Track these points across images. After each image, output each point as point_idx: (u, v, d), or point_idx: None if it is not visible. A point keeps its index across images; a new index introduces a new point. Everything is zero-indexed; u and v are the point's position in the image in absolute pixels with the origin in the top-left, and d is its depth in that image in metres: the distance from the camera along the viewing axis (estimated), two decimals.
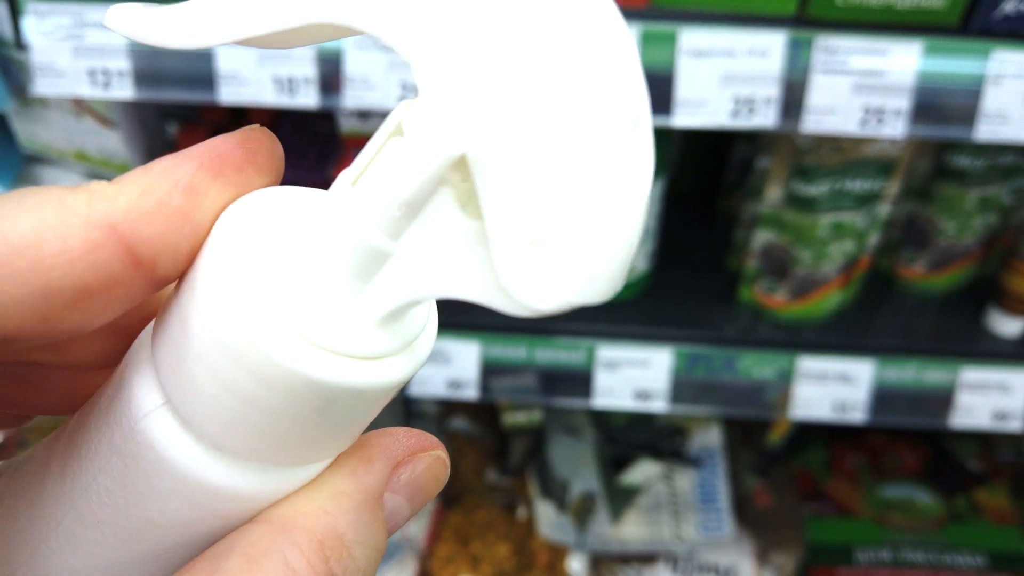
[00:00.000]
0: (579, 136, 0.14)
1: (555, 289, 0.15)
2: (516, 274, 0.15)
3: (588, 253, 0.14)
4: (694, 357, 0.74)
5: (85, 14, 0.60)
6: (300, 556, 0.16)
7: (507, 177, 0.14)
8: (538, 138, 0.14)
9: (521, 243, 0.14)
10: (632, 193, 0.14)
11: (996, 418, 0.74)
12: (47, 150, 0.81)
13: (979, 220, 0.74)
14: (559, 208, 0.14)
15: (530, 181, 0.14)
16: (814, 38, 0.58)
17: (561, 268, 0.14)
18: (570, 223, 0.14)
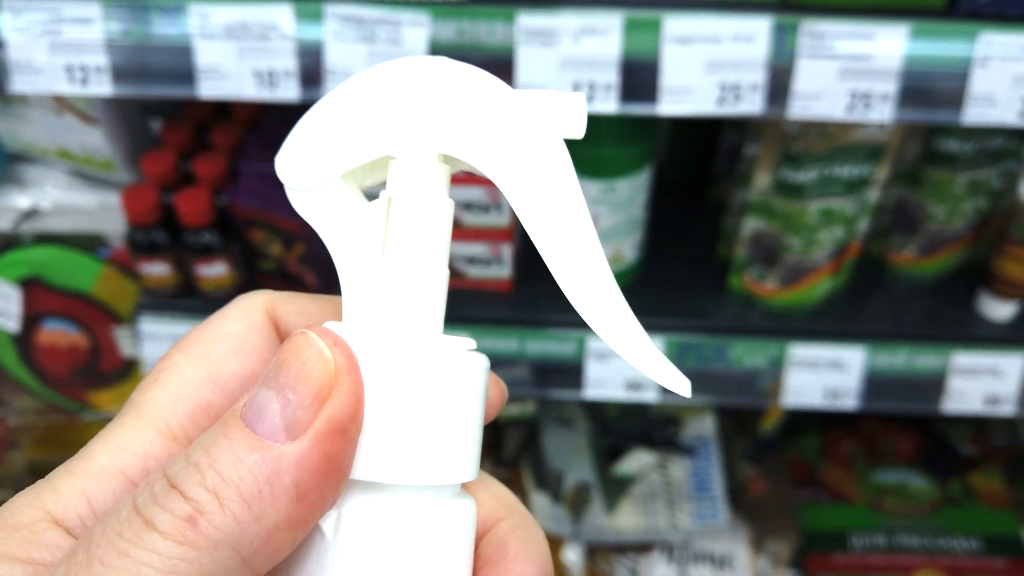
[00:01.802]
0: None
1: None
2: None
3: None
4: (685, 346, 0.74)
5: (61, 10, 0.59)
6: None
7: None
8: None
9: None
10: None
11: (988, 402, 0.74)
12: (29, 148, 0.81)
13: (969, 204, 0.74)
14: None
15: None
16: (800, 23, 0.57)
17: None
18: None
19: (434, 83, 0.21)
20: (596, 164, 0.70)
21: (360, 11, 0.58)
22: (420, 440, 0.20)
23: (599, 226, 0.73)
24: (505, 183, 0.21)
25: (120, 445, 0.20)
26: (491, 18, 0.58)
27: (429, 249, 0.21)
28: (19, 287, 0.83)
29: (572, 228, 0.21)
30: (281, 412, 0.18)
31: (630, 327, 0.21)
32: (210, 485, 0.17)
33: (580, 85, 0.59)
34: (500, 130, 0.21)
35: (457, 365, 0.20)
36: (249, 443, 0.17)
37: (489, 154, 0.21)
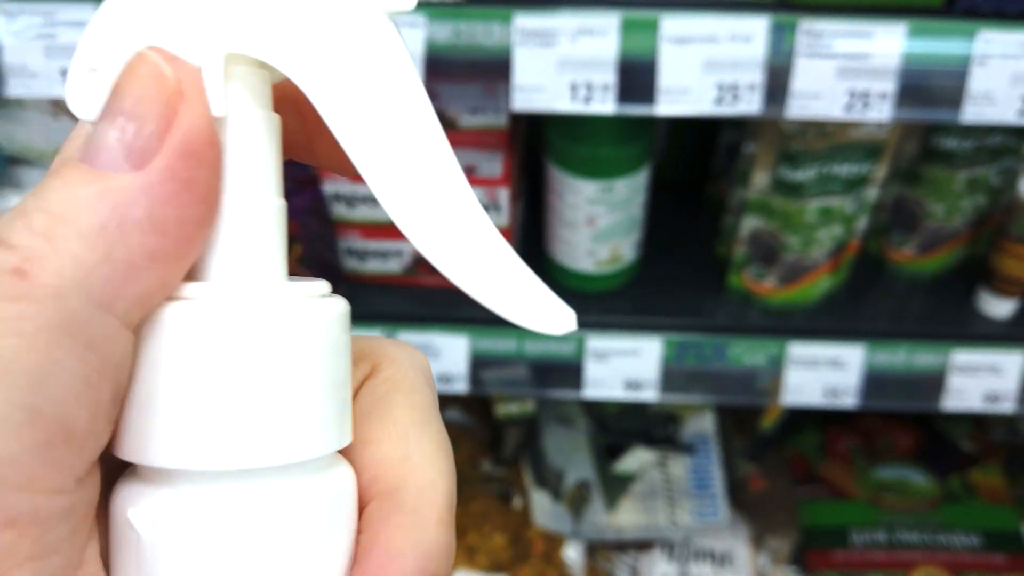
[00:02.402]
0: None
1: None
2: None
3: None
4: (684, 345, 0.73)
5: (56, 13, 0.59)
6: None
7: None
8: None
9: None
10: None
11: (988, 400, 0.74)
12: (26, 151, 0.80)
13: (968, 202, 0.74)
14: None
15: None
16: (798, 22, 0.57)
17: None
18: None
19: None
20: (594, 164, 0.70)
21: None
22: (242, 413, 0.16)
23: (597, 226, 0.72)
24: (310, 84, 0.16)
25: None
26: (488, 19, 0.58)
27: (248, 176, 0.17)
28: None
29: (406, 138, 0.16)
30: (120, 140, 0.15)
31: (490, 259, 0.16)
32: (38, 227, 0.14)
33: (577, 86, 0.59)
34: (298, 12, 0.16)
35: (300, 313, 0.16)
36: (85, 177, 0.15)
37: (284, 45, 0.16)
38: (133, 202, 0.15)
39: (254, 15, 0.16)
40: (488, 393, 0.80)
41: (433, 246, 0.16)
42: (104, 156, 0.15)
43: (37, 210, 0.15)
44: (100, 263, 0.15)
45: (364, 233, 0.74)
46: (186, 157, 0.15)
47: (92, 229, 0.15)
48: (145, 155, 0.15)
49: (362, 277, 0.77)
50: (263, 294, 0.16)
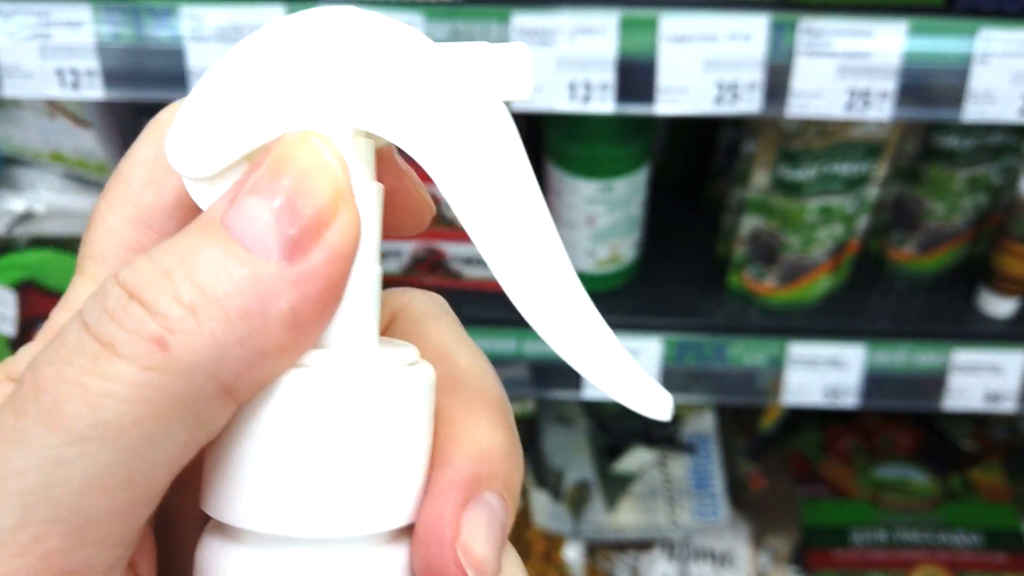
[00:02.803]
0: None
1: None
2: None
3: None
4: (684, 345, 0.73)
5: (51, 13, 0.58)
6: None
7: None
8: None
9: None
10: None
11: (988, 399, 0.74)
12: (23, 151, 0.80)
13: (968, 200, 0.73)
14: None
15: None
16: (797, 20, 0.57)
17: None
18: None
19: (343, 41, 0.17)
20: (593, 164, 0.70)
21: None
22: (341, 483, 0.16)
23: (597, 226, 0.72)
24: (432, 163, 0.16)
25: (69, 305, 0.18)
26: (486, 18, 0.57)
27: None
28: (14, 291, 0.82)
29: (519, 221, 0.16)
30: (277, 227, 0.15)
31: (597, 342, 0.17)
32: (186, 298, 0.14)
33: (576, 85, 0.59)
34: (423, 97, 0.16)
35: (400, 384, 0.17)
36: (239, 255, 0.15)
37: (411, 128, 0.16)
38: (280, 295, 0.15)
39: (380, 95, 0.17)
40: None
41: (545, 324, 0.17)
42: (257, 237, 0.15)
43: (185, 278, 0.15)
44: (235, 347, 0.15)
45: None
46: (338, 260, 0.15)
47: (237, 314, 0.14)
48: (299, 249, 0.15)
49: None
50: (366, 364, 0.17)
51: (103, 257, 0.18)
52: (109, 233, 0.18)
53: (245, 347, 0.15)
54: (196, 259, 0.15)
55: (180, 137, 0.17)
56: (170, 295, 0.14)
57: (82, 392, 0.14)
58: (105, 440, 0.14)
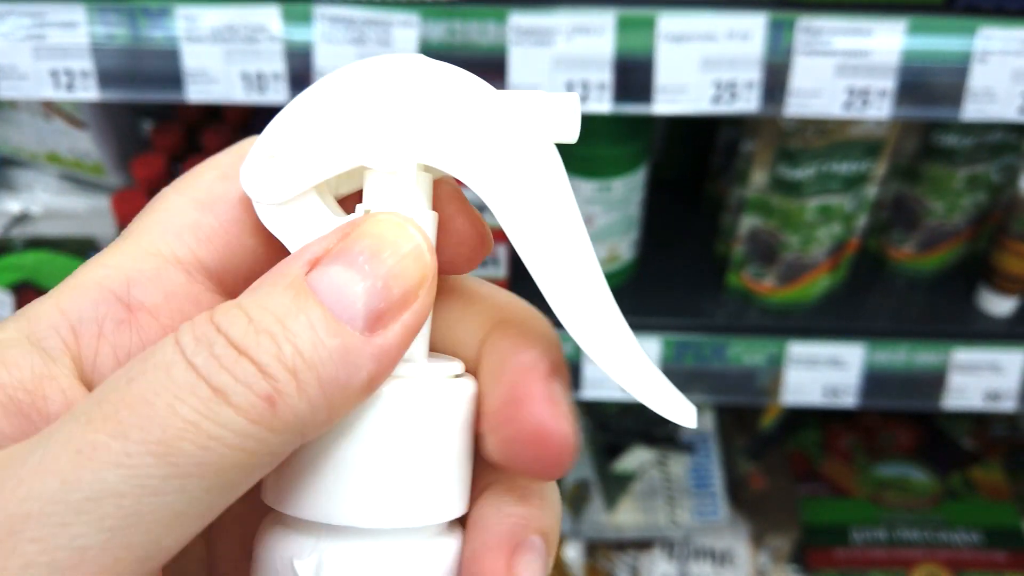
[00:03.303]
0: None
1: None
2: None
3: None
4: (683, 345, 0.73)
5: (45, 14, 0.58)
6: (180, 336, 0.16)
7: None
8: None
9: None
10: None
11: (988, 398, 0.73)
12: (19, 152, 0.80)
13: (968, 199, 0.73)
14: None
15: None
16: (796, 19, 0.56)
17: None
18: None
19: (410, 85, 0.19)
20: (591, 163, 0.69)
21: (349, 12, 0.57)
22: (401, 480, 0.18)
23: (595, 226, 0.72)
24: (490, 194, 0.19)
25: (101, 262, 0.19)
26: (483, 18, 0.57)
27: None
28: (11, 292, 0.82)
29: (565, 244, 0.19)
30: (366, 301, 0.16)
31: (631, 353, 0.19)
32: (289, 363, 0.16)
33: (573, 85, 0.58)
34: (482, 136, 0.19)
35: (440, 396, 0.19)
36: (330, 326, 0.16)
37: (471, 163, 0.19)
38: (363, 366, 0.16)
39: (442, 132, 0.19)
40: None
41: (585, 335, 0.18)
42: (345, 307, 0.16)
43: (287, 342, 0.16)
44: (322, 410, 0.16)
45: None
46: (411, 335, 0.17)
47: (329, 383, 0.16)
48: (381, 323, 0.17)
49: None
50: (427, 377, 0.19)
51: (156, 226, 0.19)
52: (168, 212, 0.19)
53: (329, 410, 0.16)
54: (294, 324, 0.16)
55: (254, 165, 0.19)
56: (276, 357, 0.16)
57: (196, 433, 0.15)
58: (204, 479, 0.15)
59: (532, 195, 0.18)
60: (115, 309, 0.18)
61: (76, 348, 0.18)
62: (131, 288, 0.18)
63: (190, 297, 0.19)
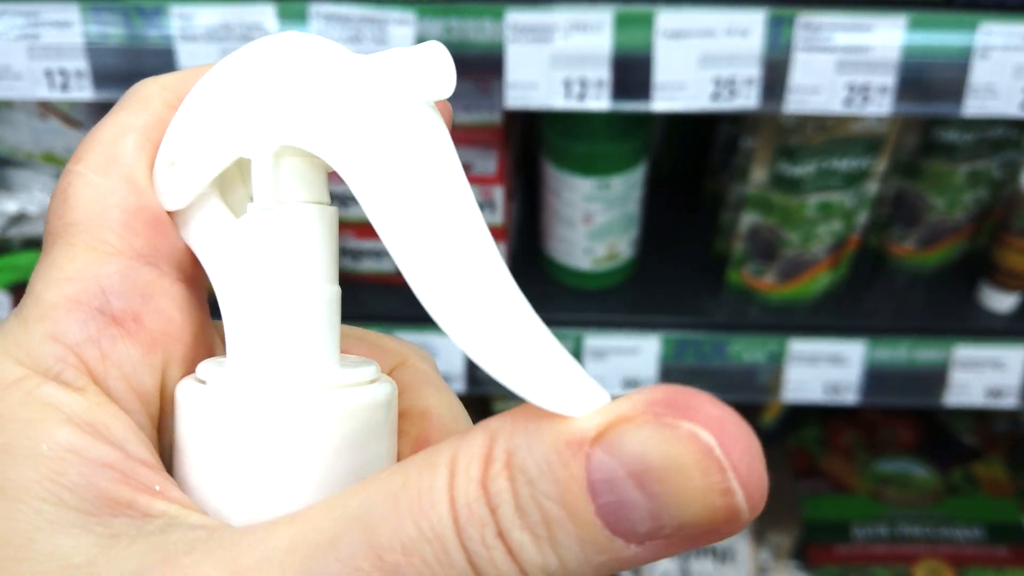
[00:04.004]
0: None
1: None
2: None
3: None
4: (683, 343, 0.73)
5: (39, 13, 0.57)
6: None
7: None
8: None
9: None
10: None
11: (990, 395, 0.73)
12: (14, 152, 0.80)
13: (969, 195, 0.73)
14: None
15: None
16: (796, 15, 0.56)
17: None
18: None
19: (277, 66, 0.18)
20: (590, 161, 0.69)
21: (345, 10, 0.57)
22: (307, 492, 0.17)
23: (594, 223, 0.71)
24: (346, 170, 0.16)
25: (63, 277, 0.17)
26: (479, 15, 0.57)
27: (294, 265, 0.18)
28: (9, 293, 0.82)
29: (428, 220, 0.16)
30: (650, 527, 0.14)
31: (517, 341, 0.16)
32: (550, 573, 0.15)
33: (571, 82, 0.58)
34: (339, 108, 0.17)
35: (349, 405, 0.17)
36: (599, 545, 0.14)
37: (328, 138, 0.17)
38: (616, 567, 0.15)
39: (304, 109, 0.17)
40: (486, 393, 0.80)
41: (460, 332, 0.16)
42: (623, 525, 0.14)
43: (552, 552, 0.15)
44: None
45: (358, 233, 0.73)
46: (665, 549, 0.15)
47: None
48: (648, 537, 0.15)
49: (357, 277, 0.76)
50: (299, 384, 0.17)
51: (98, 220, 0.18)
52: (103, 197, 0.18)
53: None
54: (559, 531, 0.14)
55: (158, 175, 0.18)
56: (540, 568, 0.14)
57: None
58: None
59: (391, 166, 0.16)
60: (103, 324, 0.17)
61: (90, 372, 0.17)
62: (108, 298, 0.17)
63: (167, 295, 0.18)
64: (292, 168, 0.18)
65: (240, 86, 0.18)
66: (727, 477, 0.14)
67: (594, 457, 0.14)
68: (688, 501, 0.14)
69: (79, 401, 0.17)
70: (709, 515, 0.14)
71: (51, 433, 0.16)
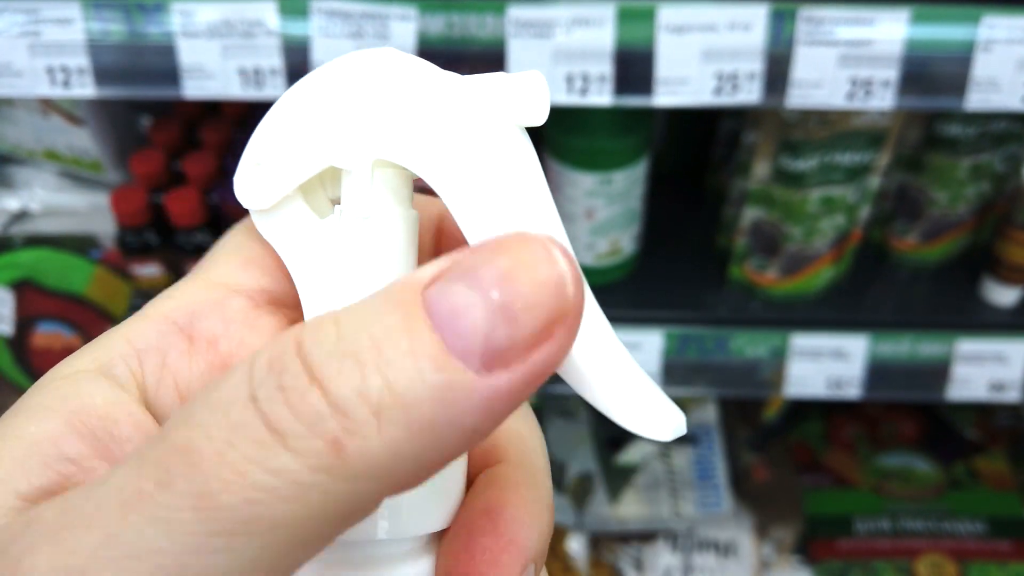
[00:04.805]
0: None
1: None
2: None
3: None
4: (685, 338, 0.73)
5: (40, 11, 0.57)
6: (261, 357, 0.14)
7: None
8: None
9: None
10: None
11: (993, 389, 0.73)
12: (16, 150, 0.80)
13: (972, 189, 0.73)
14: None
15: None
16: (798, 9, 0.56)
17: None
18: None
19: (374, 80, 0.18)
20: (592, 156, 0.69)
21: (346, 6, 0.57)
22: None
23: (596, 219, 0.71)
24: (442, 187, 0.17)
25: (169, 295, 0.19)
26: (481, 10, 0.56)
27: (378, 270, 0.18)
28: (11, 290, 0.82)
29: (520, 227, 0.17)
30: (487, 333, 0.13)
31: (606, 361, 0.17)
32: (374, 398, 0.13)
33: (573, 77, 0.58)
34: (436, 126, 0.17)
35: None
36: (437, 356, 0.13)
37: (424, 155, 0.17)
38: (469, 412, 0.13)
39: (401, 125, 0.18)
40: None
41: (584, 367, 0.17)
42: (460, 337, 0.13)
43: (376, 372, 0.13)
44: (409, 460, 0.13)
45: None
46: (537, 380, 0.14)
47: (421, 425, 0.13)
48: (501, 363, 0.13)
49: None
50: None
51: (224, 263, 0.20)
52: (234, 246, 0.20)
53: (418, 461, 0.14)
54: (391, 349, 0.13)
55: (244, 176, 0.20)
56: (356, 390, 0.13)
57: (241, 483, 0.13)
58: (254, 535, 0.13)
59: (485, 186, 0.17)
60: (177, 340, 0.19)
61: (141, 377, 0.18)
62: (194, 319, 0.19)
63: (249, 322, 0.19)
64: (385, 180, 0.18)
65: (335, 97, 0.19)
66: (549, 248, 0.14)
67: (431, 287, 0.14)
68: (518, 273, 0.14)
69: (106, 392, 0.17)
70: (539, 289, 0.13)
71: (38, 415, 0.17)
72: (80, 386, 0.17)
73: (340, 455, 0.13)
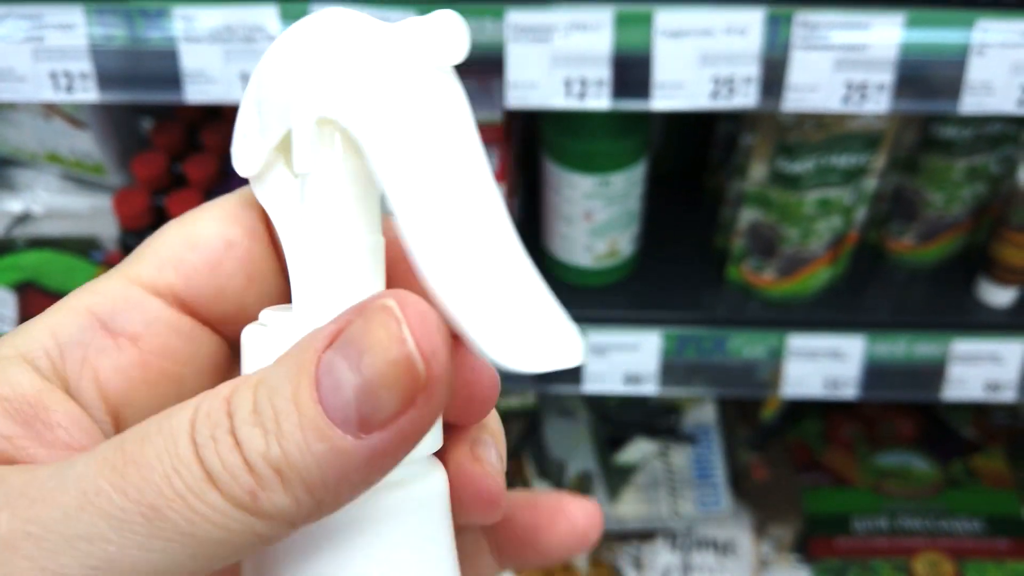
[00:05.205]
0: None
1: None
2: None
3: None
4: (683, 339, 0.73)
5: (43, 16, 0.58)
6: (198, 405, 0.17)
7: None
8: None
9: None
10: None
11: (989, 389, 0.73)
12: (18, 153, 0.80)
13: (967, 190, 0.73)
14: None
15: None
16: (793, 14, 0.56)
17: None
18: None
19: (317, 41, 0.19)
20: (590, 159, 0.69)
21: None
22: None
23: (595, 220, 0.72)
24: (363, 137, 0.17)
25: (93, 289, 0.20)
26: (480, 15, 0.57)
27: (333, 218, 0.19)
28: (14, 292, 0.83)
29: (436, 181, 0.17)
30: (357, 404, 0.16)
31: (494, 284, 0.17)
32: (273, 461, 0.16)
33: (572, 82, 0.58)
34: (359, 79, 0.18)
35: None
36: (319, 431, 0.16)
37: (351, 108, 0.18)
38: (355, 468, 0.16)
39: (332, 81, 0.18)
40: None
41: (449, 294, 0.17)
42: (340, 410, 0.16)
43: (274, 441, 0.16)
44: (309, 507, 0.16)
45: None
46: (413, 437, 0.16)
47: (315, 484, 0.16)
48: (374, 425, 0.16)
49: None
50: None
51: (147, 262, 0.20)
52: (162, 245, 0.21)
53: (317, 507, 0.16)
54: (285, 422, 0.16)
55: (235, 145, 0.21)
56: (262, 456, 0.16)
57: (183, 505, 0.16)
58: (188, 545, 0.16)
59: (403, 137, 0.17)
60: (99, 335, 0.20)
61: (63, 370, 0.19)
62: (116, 315, 0.20)
63: (171, 326, 0.20)
64: (326, 136, 0.19)
65: (288, 61, 0.19)
66: (401, 328, 0.16)
67: (324, 355, 0.16)
68: (376, 354, 0.16)
69: (33, 380, 0.19)
70: (392, 369, 0.16)
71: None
72: (7, 372, 0.18)
73: (255, 502, 0.16)
